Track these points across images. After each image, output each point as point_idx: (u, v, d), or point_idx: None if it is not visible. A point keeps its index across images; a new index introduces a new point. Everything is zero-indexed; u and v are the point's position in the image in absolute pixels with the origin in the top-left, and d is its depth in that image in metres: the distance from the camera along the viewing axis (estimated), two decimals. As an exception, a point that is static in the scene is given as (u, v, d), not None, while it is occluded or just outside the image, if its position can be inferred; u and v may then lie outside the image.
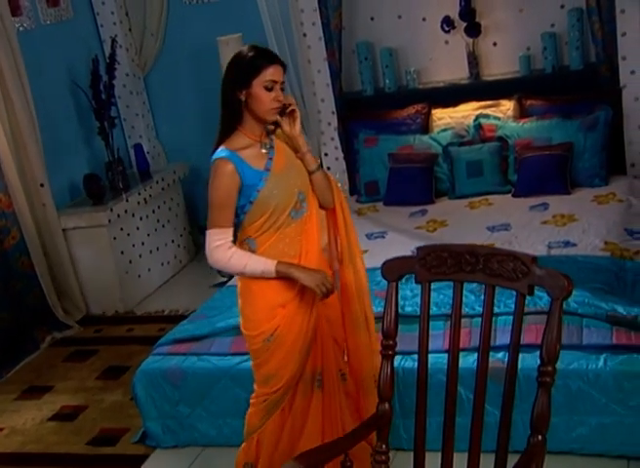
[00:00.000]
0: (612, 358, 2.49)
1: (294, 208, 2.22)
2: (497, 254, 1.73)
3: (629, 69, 3.96)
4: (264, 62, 2.16)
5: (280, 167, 2.21)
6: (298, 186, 2.23)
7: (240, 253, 2.20)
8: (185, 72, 5.06)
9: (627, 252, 3.19)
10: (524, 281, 1.69)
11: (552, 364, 1.65)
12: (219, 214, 2.21)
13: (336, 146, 4.58)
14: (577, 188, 3.94)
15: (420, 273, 1.83)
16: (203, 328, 3.07)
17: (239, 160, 2.17)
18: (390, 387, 1.87)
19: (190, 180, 5.23)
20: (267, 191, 2.18)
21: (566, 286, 1.63)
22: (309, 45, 4.42)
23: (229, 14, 4.80)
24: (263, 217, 2.20)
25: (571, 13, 4.14)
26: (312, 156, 2.28)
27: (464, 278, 1.78)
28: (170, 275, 4.98)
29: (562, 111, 4.07)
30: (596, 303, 2.67)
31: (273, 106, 2.17)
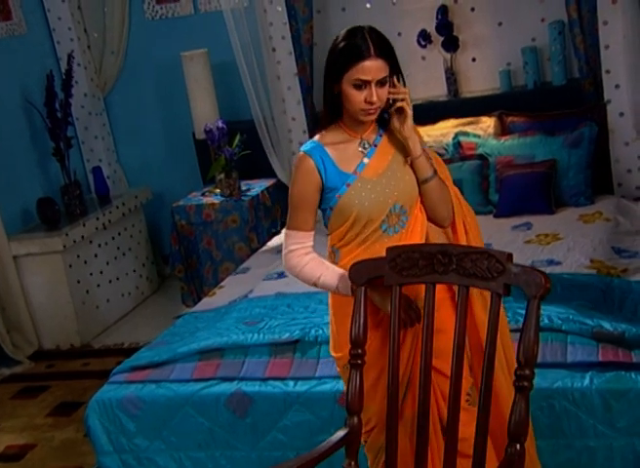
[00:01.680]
0: (598, 376, 2.51)
1: (386, 222, 2.03)
2: (470, 253, 1.75)
3: (613, 83, 4.05)
4: (353, 59, 1.97)
5: (375, 171, 2.04)
6: (394, 198, 2.03)
7: (316, 263, 2.09)
8: (148, 91, 5.11)
9: (614, 269, 3.24)
10: (499, 280, 1.71)
11: (530, 367, 1.66)
12: (295, 215, 2.11)
13: (307, 167, 4.60)
14: (561, 208, 3.99)
15: (390, 276, 1.85)
16: (163, 354, 3.04)
17: (325, 157, 2.04)
18: (360, 399, 1.87)
19: (153, 206, 5.24)
20: (347, 199, 2.02)
21: (543, 283, 1.65)
22: (279, 60, 4.49)
23: (194, 29, 4.87)
24: (344, 227, 2.07)
25: (552, 26, 4.26)
26: (427, 161, 2.06)
27: (437, 279, 1.80)
28: (131, 307, 4.96)
29: (545, 128, 4.15)
30: (581, 319, 2.70)
31: (362, 107, 2.00)
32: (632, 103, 4.05)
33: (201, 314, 3.52)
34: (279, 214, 4.71)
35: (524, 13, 4.38)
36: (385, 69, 1.98)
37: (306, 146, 2.08)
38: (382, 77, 1.98)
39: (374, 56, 1.96)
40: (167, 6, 4.95)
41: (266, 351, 2.90)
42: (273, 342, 2.91)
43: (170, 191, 5.11)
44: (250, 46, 4.43)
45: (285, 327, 3.00)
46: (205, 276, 4.60)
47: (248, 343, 2.93)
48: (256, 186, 4.66)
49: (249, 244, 4.45)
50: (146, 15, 4.99)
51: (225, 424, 2.79)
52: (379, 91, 1.99)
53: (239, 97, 4.67)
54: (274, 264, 3.95)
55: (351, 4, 4.58)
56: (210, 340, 3.01)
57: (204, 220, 4.52)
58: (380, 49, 1.97)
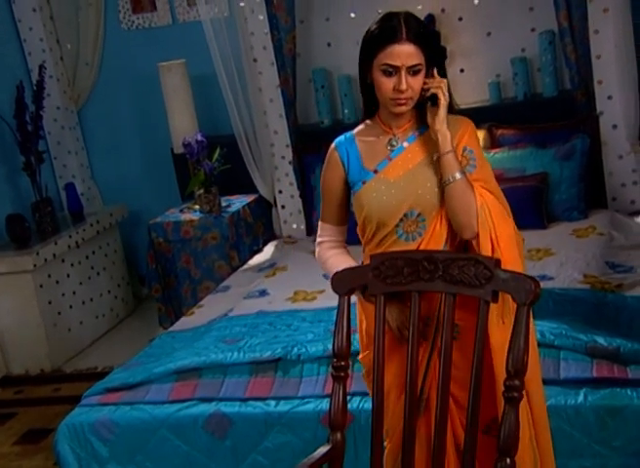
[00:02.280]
0: (592, 392, 2.52)
1: (401, 228, 2.01)
2: (457, 259, 1.77)
3: (606, 94, 4.11)
4: (382, 41, 1.94)
5: (397, 173, 2.02)
6: (410, 203, 2.00)
7: (337, 260, 2.10)
8: (124, 104, 5.13)
9: (608, 284, 3.26)
10: (487, 287, 1.72)
11: (520, 377, 1.67)
12: (323, 207, 2.14)
13: (290, 182, 4.63)
14: (554, 222, 4.03)
15: (374, 284, 1.85)
16: (138, 374, 3.03)
17: (352, 150, 2.05)
18: (343, 414, 1.87)
19: (130, 224, 5.23)
20: (360, 197, 2.04)
21: (532, 289, 1.66)
22: (260, 71, 4.51)
23: (172, 39, 4.90)
24: (360, 225, 2.08)
25: (542, 36, 4.32)
26: (455, 161, 1.97)
27: (422, 287, 1.81)
28: (105, 329, 4.93)
29: (536, 140, 4.19)
30: (574, 335, 2.71)
31: (391, 96, 1.96)
32: (625, 115, 4.10)
33: (179, 334, 3.51)
34: (261, 230, 4.72)
35: (513, 22, 4.44)
36: (418, 56, 1.94)
37: (338, 138, 2.11)
38: (414, 64, 1.94)
39: (404, 39, 1.93)
40: (144, 16, 4.98)
41: (247, 370, 2.90)
42: (254, 361, 2.91)
43: (147, 208, 5.10)
44: (230, 57, 4.46)
45: (266, 345, 3.00)
46: (183, 296, 4.59)
47: (227, 362, 2.93)
48: (236, 202, 4.67)
49: (229, 262, 4.45)
50: (122, 25, 5.01)
51: (204, 447, 2.77)
52: (410, 79, 1.95)
53: (219, 109, 4.70)
54: (256, 282, 3.95)
55: (335, 13, 4.63)
56: (187, 360, 3.00)
57: (182, 238, 4.51)
58: (413, 34, 1.94)
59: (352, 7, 4.56)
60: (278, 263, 4.17)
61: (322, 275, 3.78)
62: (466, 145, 2.03)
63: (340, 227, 2.15)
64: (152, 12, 4.96)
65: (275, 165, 4.62)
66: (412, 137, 2.05)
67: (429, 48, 1.98)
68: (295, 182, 4.62)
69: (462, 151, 2.02)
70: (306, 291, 3.68)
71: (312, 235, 4.48)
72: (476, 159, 2.04)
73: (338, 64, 4.67)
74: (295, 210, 4.64)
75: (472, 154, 2.04)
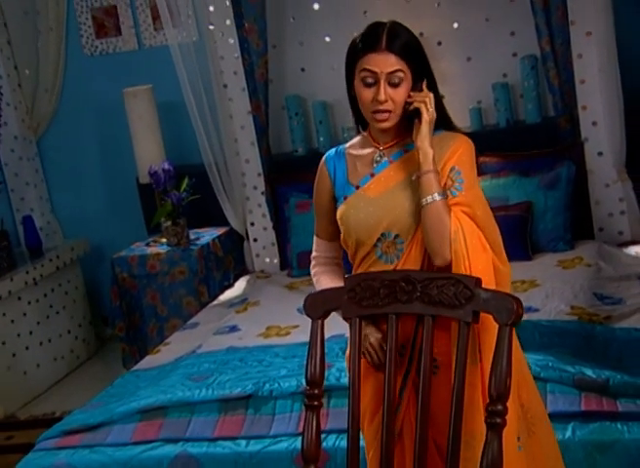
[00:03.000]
0: (581, 427, 2.53)
1: (380, 249, 2.02)
2: (436, 279, 1.78)
3: (590, 120, 4.18)
4: (361, 49, 1.97)
5: (377, 190, 2.03)
6: (386, 223, 2.00)
7: (328, 277, 2.14)
8: (87, 133, 5.14)
9: (596, 316, 3.29)
10: (468, 307, 1.74)
11: (502, 401, 1.67)
12: (315, 221, 2.19)
13: (263, 214, 4.64)
14: (539, 253, 4.07)
15: (348, 307, 1.86)
16: (98, 415, 3.00)
17: (340, 164, 2.10)
18: (316, 447, 1.85)
19: (92, 260, 5.21)
20: (340, 213, 2.07)
21: (515, 308, 1.68)
22: (231, 97, 4.55)
23: (138, 65, 4.95)
24: (343, 242, 2.11)
25: (524, 60, 4.40)
26: (435, 182, 1.95)
27: (400, 309, 1.82)
28: (64, 372, 4.88)
29: (519, 168, 4.25)
30: (561, 367, 2.73)
31: (371, 108, 1.98)
32: (611, 142, 4.16)
33: (143, 373, 3.49)
34: (232, 265, 4.72)
35: (494, 47, 4.52)
36: (399, 64, 1.95)
37: (329, 151, 2.17)
38: (394, 70, 1.95)
39: (384, 49, 1.95)
40: (107, 41, 5.02)
41: (215, 408, 2.88)
42: (223, 398, 2.89)
43: (110, 242, 5.09)
44: (199, 82, 4.49)
45: (236, 381, 2.99)
46: (149, 335, 4.56)
47: (194, 400, 2.91)
48: (206, 235, 4.67)
49: (198, 298, 4.43)
50: (85, 50, 5.05)
51: (169, 491, 2.74)
52: (390, 90, 1.96)
53: (187, 137, 4.72)
54: (226, 318, 3.95)
55: (309, 37, 4.69)
56: (152, 398, 2.98)
57: (148, 273, 4.50)
58: (396, 45, 1.95)
59: (327, 31, 4.62)
60: (250, 298, 4.16)
61: (296, 309, 3.80)
62: (455, 165, 2.01)
63: (332, 243, 2.17)
64: (117, 36, 5.01)
65: (247, 195, 4.64)
66: (398, 154, 2.07)
67: (416, 60, 2.00)
68: (267, 214, 4.63)
69: (449, 171, 2.00)
70: (280, 326, 3.68)
71: (286, 269, 4.51)
72: (464, 181, 2.00)
73: (312, 91, 4.72)
74: (268, 243, 4.65)
75: (460, 175, 2.01)
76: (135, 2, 4.95)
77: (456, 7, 4.53)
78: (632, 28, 4.29)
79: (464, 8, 4.52)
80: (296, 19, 4.69)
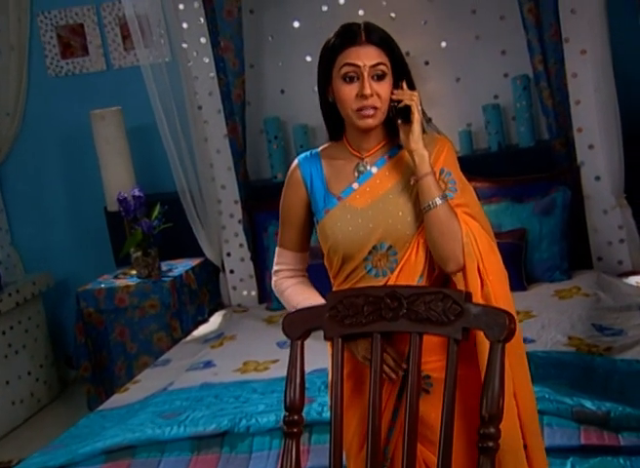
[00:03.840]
0: (581, 462, 2.53)
1: (370, 262, 2.01)
2: (423, 294, 1.79)
3: (587, 143, 4.24)
4: (342, 43, 1.98)
5: (364, 200, 2.03)
6: (379, 235, 2.00)
7: (298, 289, 2.12)
8: (51, 159, 5.15)
9: (596, 348, 3.31)
10: (457, 323, 1.74)
11: (495, 424, 1.67)
12: (281, 230, 2.17)
13: (240, 243, 4.65)
14: (534, 283, 4.10)
15: (330, 326, 1.86)
16: (60, 456, 2.97)
17: (316, 171, 2.08)
18: (297, 477, 1.84)
19: (55, 295, 5.18)
20: (323, 227, 2.05)
21: (507, 324, 1.68)
22: (206, 119, 4.58)
23: (106, 86, 4.98)
24: (325, 258, 2.09)
25: (516, 81, 4.46)
26: (435, 184, 1.96)
27: (385, 328, 1.82)
28: (23, 417, 4.82)
29: (512, 194, 4.28)
30: (559, 398, 2.74)
31: (355, 106, 1.97)
32: (609, 166, 4.21)
33: (110, 412, 3.46)
34: (207, 298, 4.70)
35: (484, 67, 4.59)
36: (381, 57, 1.97)
37: (302, 154, 2.14)
38: (377, 63, 1.96)
39: (364, 41, 1.97)
40: (74, 61, 5.05)
41: (188, 446, 2.86)
42: (196, 436, 2.88)
43: (76, 276, 5.07)
44: (172, 104, 4.52)
45: (211, 418, 2.98)
46: (117, 374, 4.53)
47: (165, 438, 2.89)
48: (179, 266, 4.66)
49: (170, 333, 4.41)
50: (49, 71, 5.07)
51: None
52: (375, 85, 1.97)
53: (159, 162, 4.74)
54: (200, 353, 3.93)
55: (289, 57, 4.74)
56: (119, 437, 2.96)
57: (116, 307, 4.48)
58: (374, 37, 1.98)
59: (308, 50, 4.65)
60: (226, 333, 4.16)
61: (276, 343, 3.80)
62: (444, 167, 2.04)
63: (300, 254, 2.17)
64: (84, 57, 5.04)
65: (223, 224, 4.65)
66: (381, 161, 2.07)
67: (394, 56, 2.01)
68: (245, 243, 4.64)
69: (440, 174, 2.02)
70: (257, 361, 3.68)
71: (265, 302, 4.51)
72: (456, 182, 2.04)
73: (292, 113, 4.76)
74: (245, 274, 4.65)
75: (451, 176, 2.03)
76: (103, 20, 4.99)
77: (443, 25, 4.60)
78: (628, 46, 4.37)
79: (453, 26, 4.59)
80: (275, 37, 4.75)
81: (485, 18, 4.54)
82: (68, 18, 5.01)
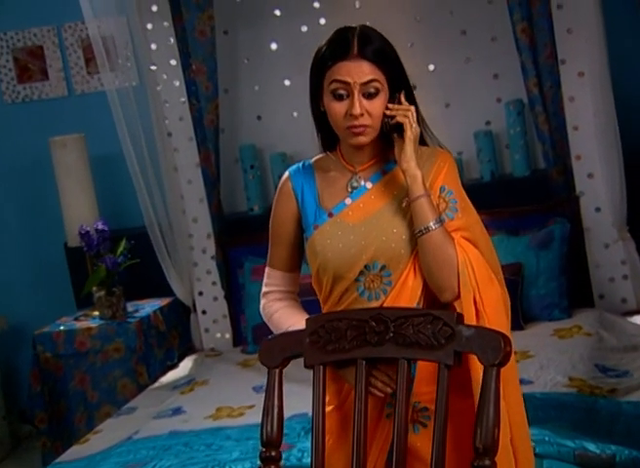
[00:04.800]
0: (584, 508, 2.52)
1: (362, 284, 2.02)
2: (411, 316, 1.79)
3: (586, 172, 4.28)
4: (332, 56, 1.99)
5: (357, 217, 2.04)
6: (371, 254, 2.01)
7: (288, 313, 2.12)
8: (6, 191, 5.14)
9: (599, 389, 3.32)
10: (448, 347, 1.74)
11: (490, 456, 1.67)
12: (271, 249, 2.18)
13: (213, 282, 4.64)
14: (532, 322, 4.11)
15: (310, 353, 1.86)
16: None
17: (308, 183, 2.10)
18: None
19: (9, 341, 5.14)
20: (312, 244, 2.07)
21: (502, 346, 1.69)
22: (176, 147, 4.61)
23: (68, 112, 5.00)
24: (314, 278, 2.09)
25: (509, 106, 4.52)
26: (430, 207, 1.98)
27: (370, 353, 1.82)
28: (-28, 476, 4.75)
29: (507, 226, 4.31)
30: (560, 441, 2.74)
31: (345, 124, 2.01)
32: (610, 196, 4.25)
33: (68, 465, 3.42)
34: (176, 341, 4.68)
35: (476, 92, 4.64)
36: (374, 73, 1.98)
37: (294, 166, 2.16)
38: (369, 80, 1.97)
39: (356, 56, 1.98)
40: (32, 86, 5.06)
41: (155, 497, 2.82)
42: (164, 486, 2.84)
43: (32, 318, 5.01)
44: (139, 131, 4.52)
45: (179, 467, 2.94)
46: (76, 426, 4.47)
47: (130, 489, 2.85)
48: (146, 306, 4.64)
49: (136, 379, 4.38)
50: (5, 97, 5.08)
51: None
52: (366, 103, 1.98)
53: (126, 193, 4.75)
54: (169, 400, 3.91)
55: (266, 81, 4.78)
56: (78, 489, 2.91)
57: (77, 351, 4.44)
58: (369, 50, 1.98)
59: (286, 73, 4.72)
60: (197, 378, 4.14)
61: (251, 388, 3.79)
62: (444, 184, 2.05)
63: (291, 274, 2.17)
64: (43, 81, 5.06)
65: (194, 260, 4.64)
66: (376, 176, 2.08)
67: (392, 68, 2.02)
68: (218, 282, 4.63)
69: (439, 192, 2.04)
70: (232, 407, 3.67)
71: (240, 345, 4.49)
72: (457, 202, 2.05)
73: (270, 141, 4.79)
74: (219, 315, 4.64)
75: (452, 196, 2.05)
76: (64, 42, 5.02)
77: (431, 47, 4.66)
78: (628, 67, 4.43)
79: (441, 48, 4.65)
80: (250, 59, 4.79)
81: (475, 39, 4.60)
82: (26, 39, 5.03)
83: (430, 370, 1.87)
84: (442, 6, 4.62)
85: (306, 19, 4.62)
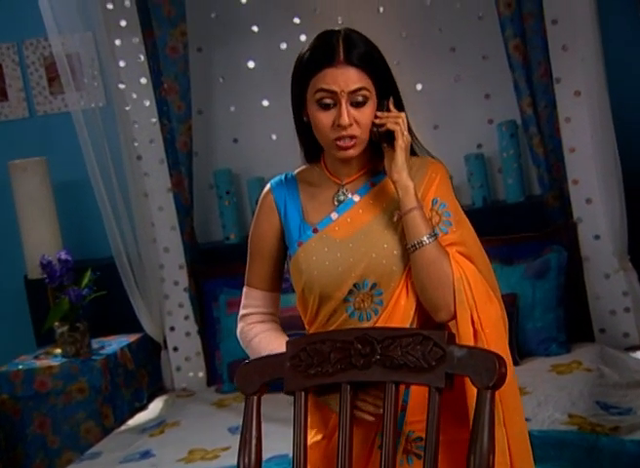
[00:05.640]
0: None
1: (352, 304, 2.02)
2: (399, 337, 1.79)
3: (584, 197, 4.31)
4: (317, 63, 2.00)
5: (345, 232, 2.05)
6: (360, 270, 2.01)
7: (269, 338, 2.10)
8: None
9: (601, 427, 3.33)
10: (439, 369, 1.75)
11: (485, 485, 1.66)
12: (249, 266, 2.17)
13: (186, 316, 4.64)
14: (528, 358, 4.12)
15: (292, 378, 1.86)
16: None
17: (291, 197, 2.11)
18: None
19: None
20: (296, 262, 2.06)
21: (496, 367, 1.69)
22: (146, 172, 4.62)
23: (29, 135, 5.01)
24: (299, 299, 2.09)
25: (501, 127, 4.56)
26: (423, 220, 1.98)
27: (356, 377, 1.82)
28: None
29: (500, 255, 4.32)
30: (560, 480, 2.73)
31: (332, 136, 2.01)
32: (609, 223, 4.27)
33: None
34: (145, 381, 4.66)
35: (466, 113, 4.69)
36: (362, 80, 1.98)
37: (276, 178, 2.17)
38: (357, 88, 1.98)
39: (342, 62, 1.98)
40: (-11, 107, 5.07)
41: None
42: None
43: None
44: (107, 154, 4.52)
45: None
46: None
47: None
48: (113, 343, 4.63)
49: (101, 422, 4.36)
50: (-40, 118, 5.09)
51: None
52: (354, 112, 1.99)
53: (91, 221, 4.76)
54: (137, 443, 3.89)
55: (243, 102, 4.81)
56: None
57: (36, 392, 4.41)
58: (355, 55, 1.99)
59: (264, 93, 4.75)
60: (168, 420, 4.13)
61: (227, 429, 3.77)
62: (437, 197, 2.06)
63: (272, 294, 2.17)
64: (2, 102, 5.06)
65: (165, 293, 4.64)
66: (364, 188, 2.09)
67: (379, 73, 2.03)
68: (191, 316, 4.64)
69: (432, 205, 2.05)
70: (205, 449, 3.66)
71: (215, 384, 4.48)
72: (451, 214, 2.05)
73: (247, 165, 4.82)
74: (191, 352, 4.64)
75: (446, 208, 2.05)
76: (25, 60, 5.03)
77: (419, 65, 4.69)
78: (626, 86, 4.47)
79: (429, 66, 4.69)
80: (226, 78, 4.82)
81: (465, 57, 4.64)
82: (-17, 57, 5.04)
83: (425, 395, 1.85)
84: (430, 22, 4.66)
85: (286, 35, 4.66)
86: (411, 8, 4.69)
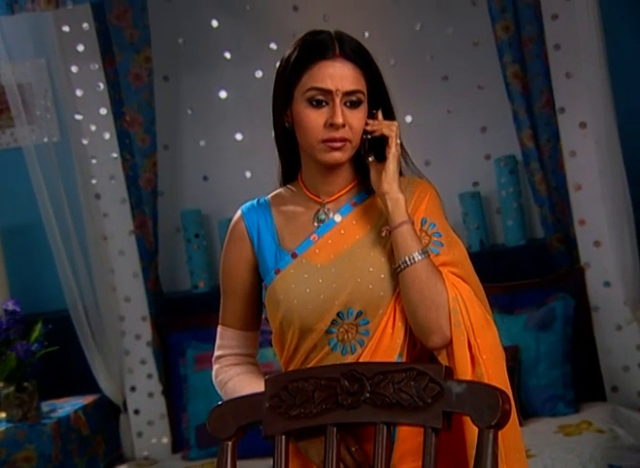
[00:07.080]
0: None
1: (335, 335, 2.02)
2: (391, 372, 1.80)
3: (592, 239, 4.33)
4: (307, 60, 2.03)
5: (326, 256, 2.06)
6: (344, 297, 2.03)
7: (245, 381, 2.10)
8: None
9: (616, 491, 3.32)
10: (435, 407, 1.75)
11: None
12: (223, 303, 2.19)
13: (149, 374, 4.63)
14: (532, 418, 4.12)
15: (270, 420, 1.85)
16: None
17: (266, 221, 2.12)
18: None
19: None
20: (273, 291, 2.07)
21: (499, 404, 1.70)
22: (106, 212, 4.63)
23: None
24: (276, 334, 2.09)
25: (500, 163, 4.59)
26: (413, 236, 2.00)
27: (343, 418, 1.81)
28: None
29: (500, 304, 4.31)
30: None
31: (322, 136, 2.03)
32: (620, 268, 4.27)
33: None
34: (102, 448, 4.63)
35: (460, 147, 4.73)
36: (358, 81, 2.03)
37: (246, 203, 2.18)
38: (353, 90, 2.02)
39: (338, 55, 2.02)
40: None
41: None
42: None
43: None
44: (62, 193, 4.54)
45: None
46: None
47: None
48: (65, 405, 4.59)
49: (52, 495, 4.31)
50: None
51: None
52: (348, 113, 2.01)
53: (43, 268, 4.76)
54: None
55: (213, 135, 4.86)
56: None
57: (-22, 461, 4.38)
58: (348, 49, 2.03)
59: (238, 126, 4.78)
60: (129, 490, 4.09)
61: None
62: (426, 216, 2.10)
63: (248, 333, 2.18)
64: (-55, 138, 5.07)
65: (126, 348, 4.63)
66: (346, 207, 2.12)
67: (372, 74, 2.07)
68: (155, 374, 4.63)
69: (421, 225, 2.08)
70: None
71: (181, 451, 4.45)
72: (441, 235, 2.08)
73: (218, 205, 4.84)
74: (155, 415, 4.62)
75: (435, 228, 2.09)
76: (-32, 92, 5.06)
77: (409, 95, 4.69)
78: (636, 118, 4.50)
79: (420, 97, 4.73)
80: (195, 110, 4.87)
81: (459, 86, 4.70)
82: None
83: (420, 439, 1.85)
84: (420, 48, 4.73)
85: (262, 62, 4.70)
86: (399, 33, 4.74)
